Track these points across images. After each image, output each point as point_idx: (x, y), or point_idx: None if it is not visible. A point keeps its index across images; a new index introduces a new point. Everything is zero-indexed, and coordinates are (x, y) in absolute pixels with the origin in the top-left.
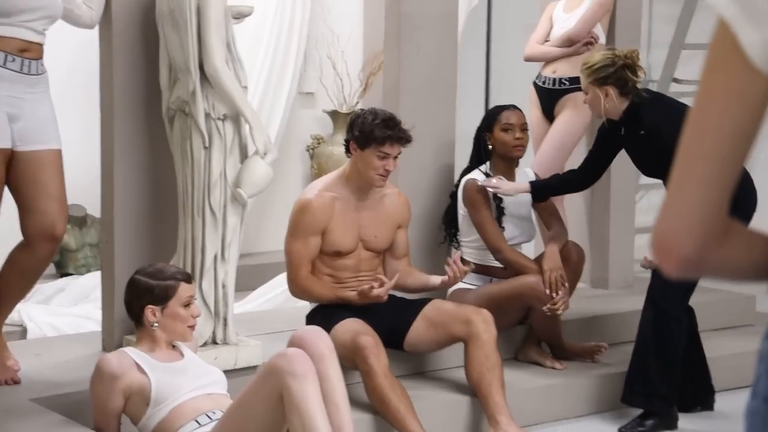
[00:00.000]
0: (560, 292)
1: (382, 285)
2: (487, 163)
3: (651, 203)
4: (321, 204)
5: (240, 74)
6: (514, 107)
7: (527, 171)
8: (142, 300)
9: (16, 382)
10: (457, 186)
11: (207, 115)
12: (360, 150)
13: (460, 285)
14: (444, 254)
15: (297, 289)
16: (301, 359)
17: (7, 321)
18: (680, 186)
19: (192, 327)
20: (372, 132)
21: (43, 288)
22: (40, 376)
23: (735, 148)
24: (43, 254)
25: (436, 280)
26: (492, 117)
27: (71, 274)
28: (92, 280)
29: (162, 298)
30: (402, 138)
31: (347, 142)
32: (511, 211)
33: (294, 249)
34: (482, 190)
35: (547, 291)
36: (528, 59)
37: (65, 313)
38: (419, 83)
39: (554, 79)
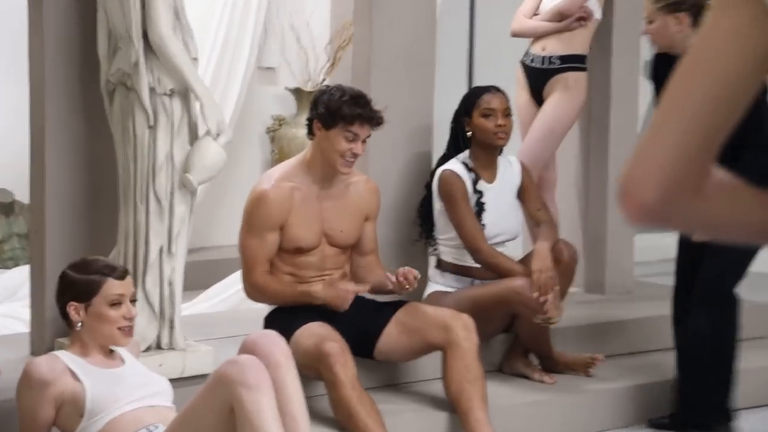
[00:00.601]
0: (550, 296)
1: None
2: (466, 151)
3: None
4: (278, 195)
5: (190, 44)
6: (497, 89)
7: (511, 159)
8: (66, 295)
9: None
10: (432, 176)
11: (152, 90)
12: (325, 130)
13: (436, 287)
14: (420, 253)
15: (252, 289)
16: (254, 367)
17: None
18: (658, 127)
19: (123, 329)
20: (339, 109)
21: None
22: None
23: (723, 96)
24: None
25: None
26: (471, 100)
27: None
28: (20, 274)
29: (85, 294)
30: (373, 118)
31: (310, 121)
32: (493, 206)
33: (249, 246)
34: (459, 180)
35: (536, 294)
36: (515, 35)
37: None
38: (392, 59)
39: (543, 57)
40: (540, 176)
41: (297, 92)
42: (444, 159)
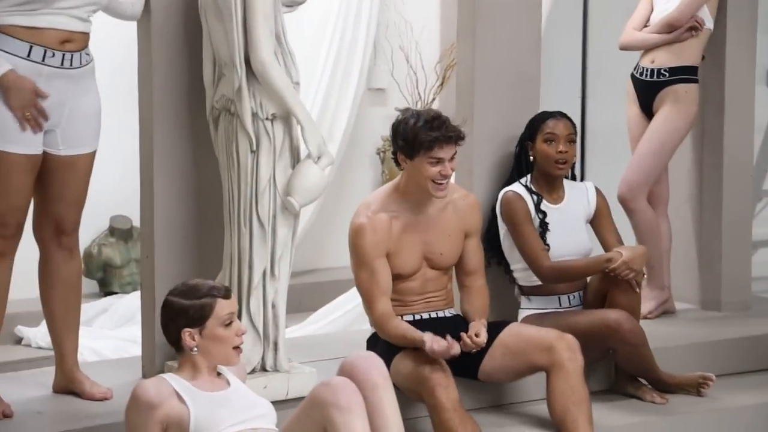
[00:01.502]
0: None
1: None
2: (528, 176)
3: None
4: (376, 227)
5: (291, 69)
6: (562, 115)
7: (588, 186)
8: (178, 323)
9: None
10: (497, 200)
11: (254, 115)
12: (410, 160)
13: (527, 312)
14: (496, 276)
15: (375, 326)
16: (346, 389)
17: (43, 344)
18: None
19: (237, 348)
20: (417, 137)
21: (84, 308)
22: (71, 405)
23: None
24: (63, 256)
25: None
26: (535, 125)
27: (116, 293)
28: (138, 299)
29: (198, 318)
30: (451, 137)
31: (395, 154)
32: (558, 227)
33: (361, 279)
34: (521, 200)
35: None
36: (624, 48)
37: (108, 336)
38: (496, 77)
39: (653, 70)
40: (651, 191)
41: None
42: (507, 183)
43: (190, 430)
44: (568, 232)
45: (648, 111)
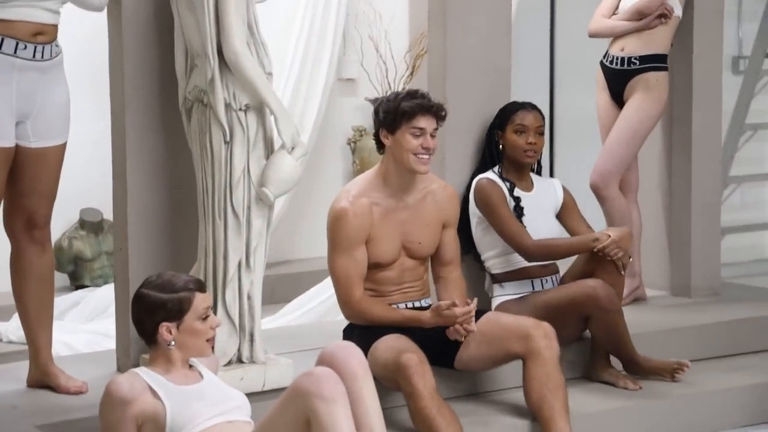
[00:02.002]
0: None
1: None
2: (498, 165)
3: (745, 198)
4: (358, 212)
5: (264, 59)
6: (533, 107)
7: (554, 182)
8: (155, 317)
9: (82, 392)
10: (468, 190)
11: (227, 106)
12: (391, 135)
13: (501, 299)
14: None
15: (352, 313)
16: (329, 379)
17: (14, 339)
18: None
19: (210, 341)
20: (398, 107)
21: (55, 302)
22: (47, 400)
23: None
24: (35, 250)
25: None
26: (505, 115)
27: (87, 286)
28: (110, 292)
29: (177, 312)
30: (432, 106)
31: (377, 135)
32: (532, 212)
33: (338, 265)
34: (495, 186)
35: (603, 251)
36: (593, 35)
37: (80, 329)
38: (468, 66)
39: (623, 58)
40: (621, 179)
41: (377, 102)
42: (478, 172)
43: (167, 426)
44: (542, 218)
45: (618, 99)
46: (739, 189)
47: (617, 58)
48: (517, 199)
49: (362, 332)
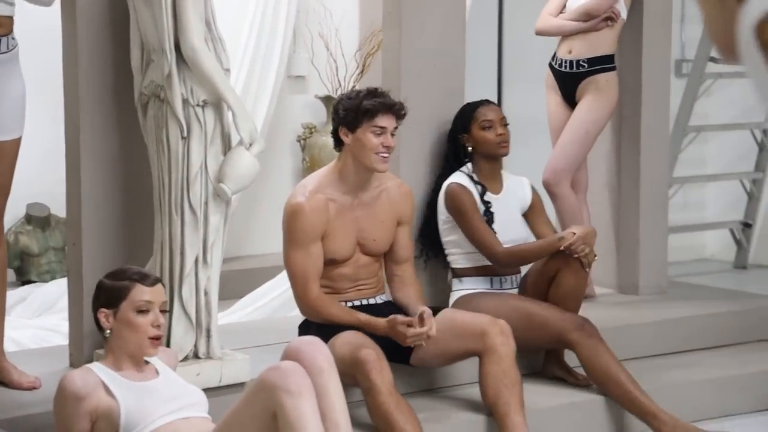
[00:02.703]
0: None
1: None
2: (468, 165)
3: (687, 199)
4: (314, 207)
5: (221, 55)
6: (489, 102)
7: (523, 181)
8: (97, 302)
9: (35, 387)
10: (435, 194)
11: (185, 101)
12: (351, 133)
13: (460, 294)
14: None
15: (309, 310)
16: (296, 374)
17: None
18: None
19: (153, 339)
20: (360, 105)
21: None
22: (0, 395)
23: None
24: None
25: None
26: (467, 116)
27: (34, 282)
28: (57, 287)
29: (114, 300)
30: (393, 104)
31: (335, 132)
32: (501, 216)
33: (295, 261)
34: (466, 192)
35: (569, 248)
36: (539, 33)
37: (27, 325)
38: (422, 64)
39: (571, 61)
40: (572, 178)
41: (327, 100)
42: (442, 178)
43: (120, 423)
44: (509, 221)
45: (570, 100)
46: (682, 189)
47: (566, 61)
48: (488, 204)
49: (319, 328)
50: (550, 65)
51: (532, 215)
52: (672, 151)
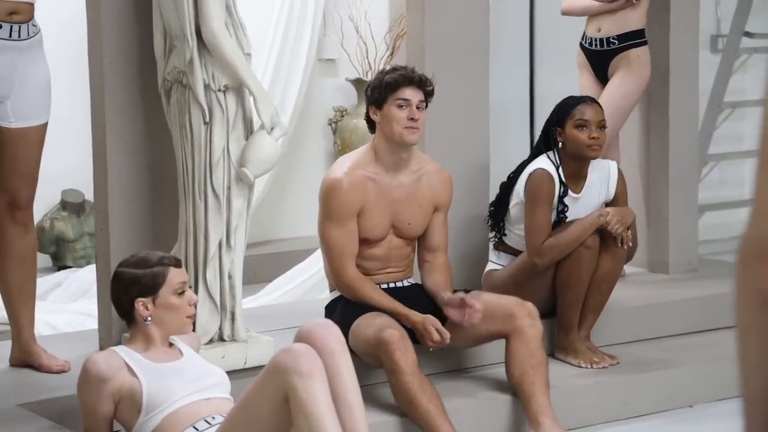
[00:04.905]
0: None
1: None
2: (556, 154)
3: (725, 176)
4: (353, 183)
5: (242, 40)
6: (592, 100)
7: (611, 166)
8: (130, 293)
9: (65, 370)
10: (511, 178)
11: (206, 87)
12: (379, 110)
13: (491, 267)
14: (475, 244)
15: (346, 289)
16: (307, 355)
17: None
18: None
19: (191, 317)
20: (382, 81)
21: (38, 283)
22: (30, 378)
23: None
24: (18, 231)
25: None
26: (564, 110)
27: (69, 267)
28: (92, 273)
29: (151, 287)
30: (414, 76)
31: (367, 115)
32: (573, 216)
33: (332, 236)
34: (550, 183)
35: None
36: (565, 13)
37: (63, 309)
38: (446, 46)
39: (601, 39)
40: (604, 157)
41: (357, 83)
42: (526, 164)
43: (143, 403)
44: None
45: (603, 78)
46: (718, 167)
47: (596, 40)
48: (564, 206)
49: (344, 309)
50: (581, 45)
51: (615, 206)
52: (707, 129)
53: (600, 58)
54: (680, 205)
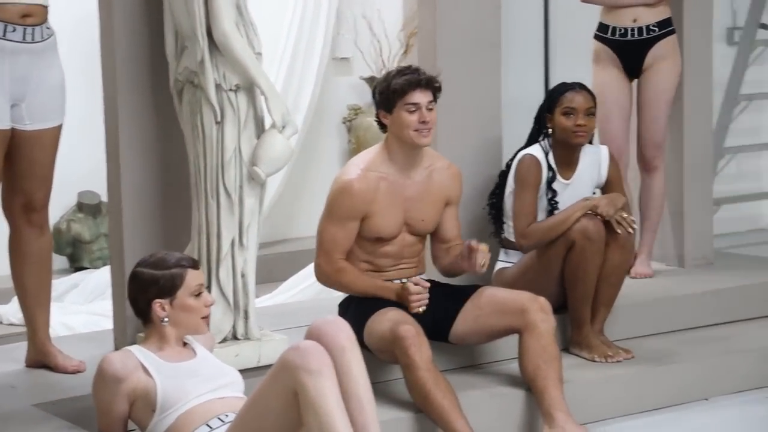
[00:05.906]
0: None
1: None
2: (547, 141)
3: (742, 169)
4: (364, 186)
5: (253, 39)
6: (582, 87)
7: (602, 150)
8: (148, 294)
9: (80, 370)
10: (508, 165)
11: (218, 87)
12: (389, 114)
13: (501, 265)
14: (487, 236)
15: (324, 277)
16: (315, 353)
17: (14, 320)
18: None
19: (206, 318)
20: (389, 86)
21: (55, 284)
22: (45, 378)
23: None
24: (33, 233)
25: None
26: (554, 97)
27: (86, 268)
28: (108, 274)
29: (170, 288)
30: (421, 79)
31: (377, 116)
32: (568, 202)
33: (328, 232)
34: (537, 168)
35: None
36: (586, 0)
37: (80, 310)
38: (458, 42)
39: (640, 28)
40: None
41: (372, 81)
42: (521, 151)
43: (157, 402)
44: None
45: (632, 71)
46: (735, 160)
47: (634, 30)
48: (553, 192)
49: (358, 306)
50: (603, 38)
51: (609, 190)
52: (723, 121)
53: (636, 49)
54: (696, 199)
